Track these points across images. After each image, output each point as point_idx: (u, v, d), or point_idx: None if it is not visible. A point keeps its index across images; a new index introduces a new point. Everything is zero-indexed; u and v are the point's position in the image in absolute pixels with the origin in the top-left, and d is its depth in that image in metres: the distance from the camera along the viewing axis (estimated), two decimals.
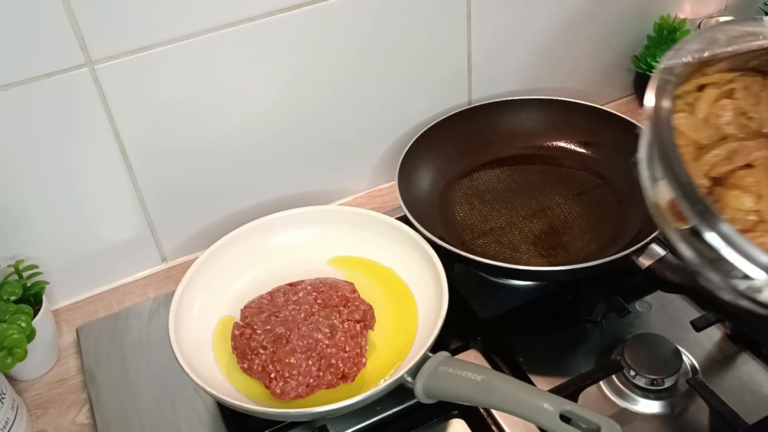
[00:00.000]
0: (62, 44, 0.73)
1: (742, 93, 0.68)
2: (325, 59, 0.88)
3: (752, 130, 0.67)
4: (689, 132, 0.66)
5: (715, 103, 0.68)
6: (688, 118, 0.66)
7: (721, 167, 0.63)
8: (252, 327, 0.75)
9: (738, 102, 0.67)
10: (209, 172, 0.89)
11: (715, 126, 0.67)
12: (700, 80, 0.68)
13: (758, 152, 0.63)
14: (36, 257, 0.84)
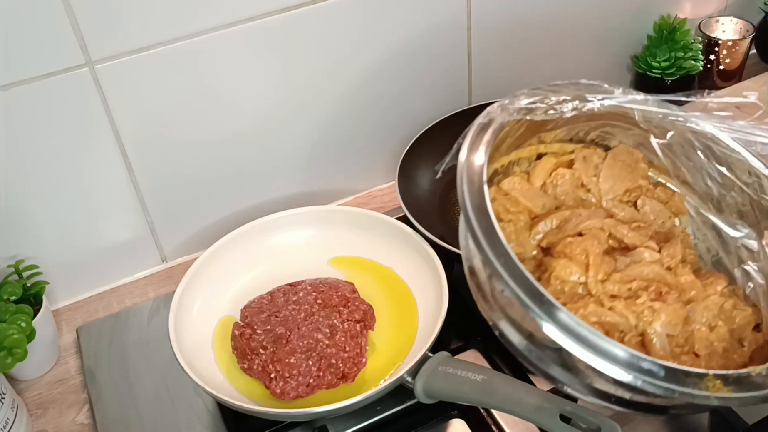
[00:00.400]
0: (62, 44, 0.73)
1: (581, 164, 0.67)
2: (324, 59, 0.88)
3: (589, 202, 0.66)
4: (523, 200, 0.63)
5: (553, 172, 0.66)
6: (521, 184, 0.65)
7: (551, 236, 0.61)
8: (252, 327, 0.75)
9: (576, 173, 0.66)
10: (209, 172, 0.89)
11: (552, 195, 0.66)
12: (539, 148, 0.66)
13: (590, 221, 0.61)
14: (36, 257, 0.84)
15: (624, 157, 0.68)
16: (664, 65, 1.05)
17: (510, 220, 0.61)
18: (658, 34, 1.06)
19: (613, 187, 0.66)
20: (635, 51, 1.10)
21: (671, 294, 0.57)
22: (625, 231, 0.61)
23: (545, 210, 0.64)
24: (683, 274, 0.59)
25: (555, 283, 0.56)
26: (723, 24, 1.13)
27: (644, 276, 0.57)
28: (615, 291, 0.56)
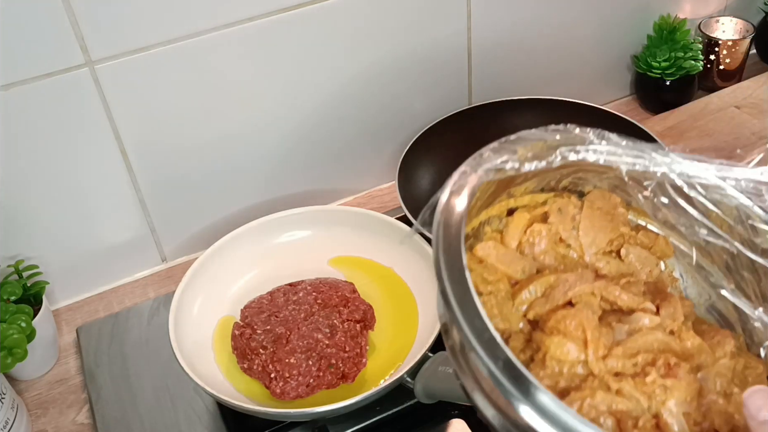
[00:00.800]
0: (62, 44, 0.73)
1: (556, 217, 0.61)
2: (324, 59, 0.88)
3: (571, 259, 0.61)
4: (501, 266, 0.58)
5: (528, 229, 0.61)
6: (497, 249, 0.59)
7: (538, 307, 0.55)
8: (252, 327, 0.75)
9: (553, 227, 0.61)
10: (209, 172, 0.89)
11: (531, 256, 0.60)
12: (508, 203, 0.62)
13: (579, 287, 0.55)
14: (36, 257, 0.84)
15: (601, 203, 0.63)
16: (664, 65, 1.05)
17: (490, 292, 0.56)
18: (658, 34, 1.06)
19: (595, 240, 0.61)
20: (635, 51, 1.10)
21: (681, 366, 0.52)
22: (617, 292, 0.56)
23: (526, 274, 0.58)
24: (688, 338, 0.54)
25: (551, 365, 0.51)
26: (723, 24, 1.13)
27: (649, 347, 0.52)
28: (619, 368, 0.51)
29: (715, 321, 0.62)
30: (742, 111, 1.05)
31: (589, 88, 1.10)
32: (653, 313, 0.56)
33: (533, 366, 0.52)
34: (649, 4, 1.07)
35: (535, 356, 0.52)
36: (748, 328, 0.60)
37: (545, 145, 0.58)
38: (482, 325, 0.45)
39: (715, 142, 0.99)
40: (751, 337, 0.59)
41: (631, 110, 1.12)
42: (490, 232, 0.62)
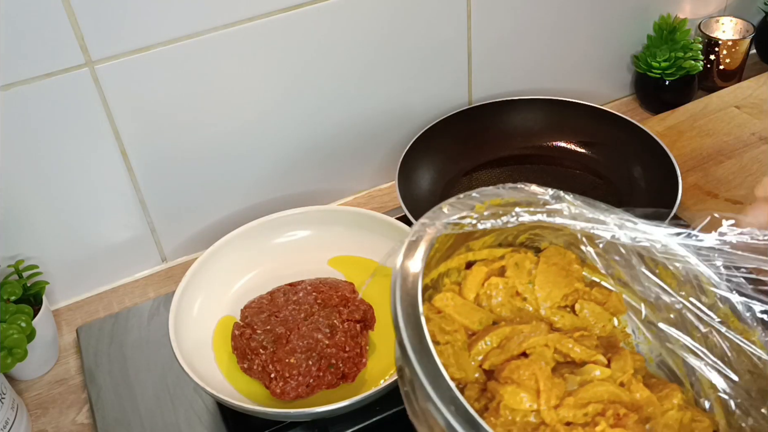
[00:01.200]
0: (62, 44, 0.73)
1: (513, 271, 0.63)
2: (325, 59, 0.88)
3: (527, 312, 0.63)
4: (458, 317, 0.59)
5: (485, 282, 0.62)
6: (455, 300, 0.60)
7: (493, 358, 0.57)
8: (252, 327, 0.75)
9: (510, 281, 0.63)
10: (209, 172, 0.89)
11: (488, 308, 0.62)
12: (467, 256, 0.63)
13: (533, 338, 0.57)
14: (36, 257, 0.84)
15: (556, 259, 0.64)
16: (664, 65, 1.05)
17: (447, 342, 0.57)
18: (658, 34, 1.06)
19: (550, 295, 0.62)
20: (635, 51, 1.10)
21: (630, 416, 0.53)
22: (570, 345, 0.58)
23: (482, 325, 0.60)
24: (638, 390, 0.56)
25: (505, 414, 0.52)
26: (723, 24, 1.13)
27: (599, 398, 0.54)
28: (570, 417, 0.52)
29: (665, 376, 0.63)
30: (742, 111, 1.05)
31: (589, 88, 1.10)
32: (604, 365, 0.57)
33: (487, 415, 0.52)
34: (649, 4, 1.07)
35: (489, 405, 0.53)
36: (695, 383, 0.61)
37: (502, 202, 0.59)
38: (438, 374, 0.46)
39: (715, 142, 1.00)
40: (698, 392, 0.61)
41: (631, 110, 1.12)
42: (449, 283, 0.63)
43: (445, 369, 0.52)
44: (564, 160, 0.98)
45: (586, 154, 0.98)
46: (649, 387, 0.58)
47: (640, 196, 0.90)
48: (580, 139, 0.99)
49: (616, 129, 0.96)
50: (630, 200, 0.91)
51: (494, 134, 1.00)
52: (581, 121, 0.99)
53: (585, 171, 0.97)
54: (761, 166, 0.95)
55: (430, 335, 0.52)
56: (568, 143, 1.00)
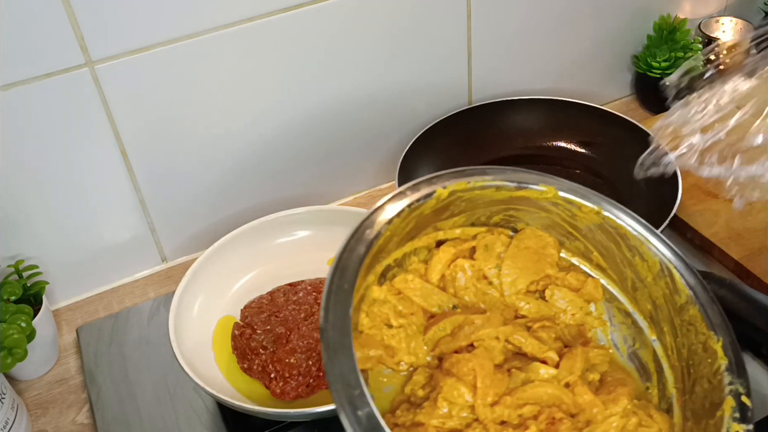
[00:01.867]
0: (62, 44, 0.73)
1: (482, 253, 0.62)
2: (324, 59, 0.88)
3: (491, 297, 0.62)
4: (417, 299, 0.59)
5: (452, 264, 0.61)
6: (415, 282, 0.59)
7: (444, 345, 0.56)
8: (252, 327, 0.75)
9: (477, 263, 0.61)
10: (209, 172, 0.89)
11: (452, 291, 0.61)
12: (437, 235, 0.61)
13: (483, 330, 0.56)
14: (36, 257, 0.84)
15: (531, 242, 0.63)
16: (664, 65, 1.05)
17: (401, 326, 0.57)
18: (658, 34, 1.06)
19: (516, 281, 0.61)
20: (635, 51, 1.10)
21: (563, 422, 0.53)
22: (522, 339, 0.57)
23: (441, 309, 0.59)
24: (582, 393, 0.55)
25: (442, 406, 0.52)
26: (723, 24, 1.13)
27: (537, 399, 0.53)
28: (505, 416, 0.52)
29: (635, 369, 0.63)
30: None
31: (589, 88, 1.10)
32: (554, 363, 0.56)
33: (427, 404, 0.52)
34: (649, 4, 1.07)
35: (431, 394, 0.53)
36: (662, 380, 0.60)
37: (468, 186, 0.59)
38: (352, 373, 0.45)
39: None
40: (664, 390, 0.60)
41: (631, 110, 1.12)
42: (416, 262, 0.62)
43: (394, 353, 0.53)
44: (564, 160, 0.98)
45: (586, 154, 0.98)
46: (602, 385, 0.57)
47: (640, 196, 0.90)
48: (580, 139, 0.99)
49: (616, 129, 0.96)
50: (630, 200, 0.90)
51: (494, 134, 1.00)
52: (581, 121, 0.99)
53: (585, 171, 0.97)
54: None
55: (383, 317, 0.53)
56: (568, 143, 1.00)
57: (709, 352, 0.56)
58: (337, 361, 0.46)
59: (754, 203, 0.89)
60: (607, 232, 0.62)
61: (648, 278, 0.61)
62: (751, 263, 0.82)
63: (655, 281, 0.60)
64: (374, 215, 0.55)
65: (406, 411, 0.53)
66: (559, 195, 0.61)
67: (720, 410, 0.53)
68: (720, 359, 0.55)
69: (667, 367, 0.60)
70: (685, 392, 0.58)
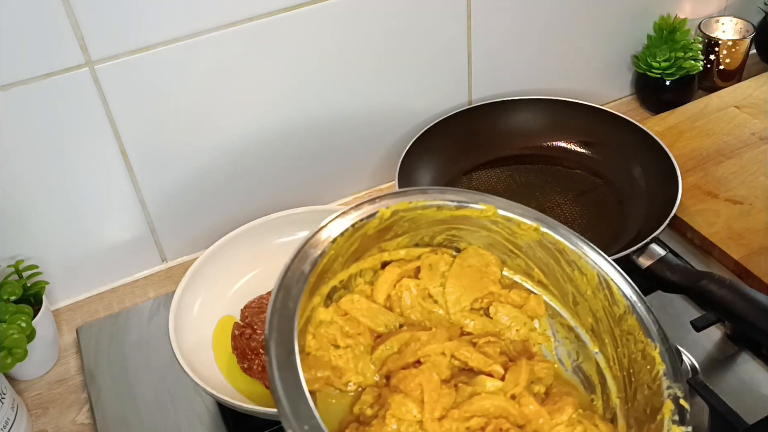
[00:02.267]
0: (62, 44, 0.73)
1: (426, 273, 0.63)
2: (325, 59, 0.88)
3: (437, 315, 0.62)
4: (364, 319, 0.59)
5: (397, 284, 0.62)
6: (361, 303, 0.60)
7: (391, 363, 0.57)
8: (252, 327, 0.75)
9: (422, 282, 0.62)
10: (209, 172, 0.89)
11: (398, 311, 0.62)
12: (382, 256, 0.62)
13: (429, 346, 0.57)
14: (36, 257, 0.84)
15: (473, 260, 0.64)
16: (664, 65, 1.05)
17: (348, 346, 0.57)
18: (658, 34, 1.06)
19: (460, 299, 0.62)
20: (635, 51, 1.10)
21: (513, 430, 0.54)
22: (468, 354, 0.58)
23: (389, 329, 0.60)
24: (528, 404, 0.56)
25: (390, 422, 0.52)
26: (723, 24, 1.13)
27: (484, 411, 0.54)
28: (453, 430, 0.52)
29: (581, 382, 0.63)
30: (742, 111, 1.05)
31: (589, 88, 1.10)
32: (500, 376, 0.57)
33: (376, 422, 0.53)
34: (649, 4, 1.07)
35: (380, 412, 0.53)
36: (605, 391, 0.61)
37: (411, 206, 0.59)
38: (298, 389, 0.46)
39: (715, 142, 0.99)
40: (608, 401, 0.61)
41: (631, 110, 1.12)
42: (362, 283, 0.62)
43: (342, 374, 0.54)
44: (564, 160, 0.98)
45: (586, 154, 0.98)
46: (548, 397, 0.58)
47: (640, 196, 0.90)
48: (580, 139, 0.99)
49: (616, 129, 0.96)
50: (630, 200, 0.91)
51: (494, 134, 1.00)
52: (581, 121, 0.99)
53: (585, 171, 0.97)
54: (761, 166, 0.95)
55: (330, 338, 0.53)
56: (568, 143, 1.00)
57: (648, 359, 0.58)
58: (283, 377, 0.46)
59: (754, 203, 0.89)
60: (546, 249, 0.63)
61: (587, 291, 0.62)
62: (751, 263, 0.82)
63: (595, 294, 0.62)
64: (318, 234, 0.56)
65: (354, 431, 0.53)
66: (498, 213, 0.62)
67: (660, 414, 0.54)
68: (658, 365, 0.57)
69: (610, 378, 0.61)
70: (628, 401, 0.59)
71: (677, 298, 0.81)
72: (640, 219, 0.86)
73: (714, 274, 0.72)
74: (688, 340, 0.77)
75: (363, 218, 0.57)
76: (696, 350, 0.76)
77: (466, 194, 0.62)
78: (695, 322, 0.75)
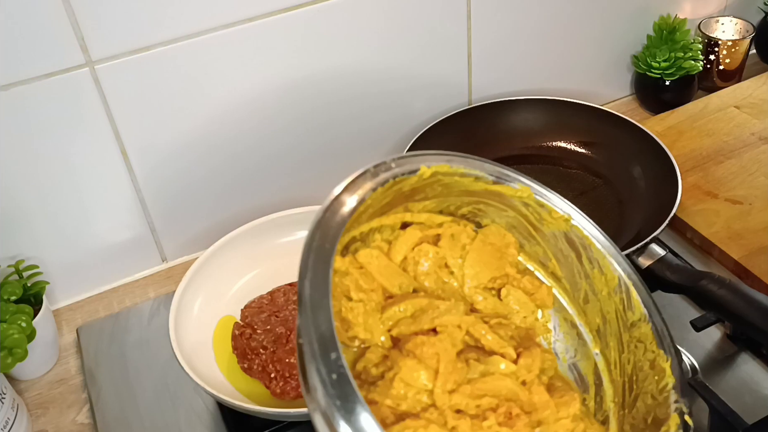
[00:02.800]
0: (62, 44, 0.73)
1: (447, 242, 0.61)
2: (324, 60, 0.88)
3: (450, 286, 0.61)
4: (379, 276, 0.57)
5: (416, 247, 0.60)
6: (380, 259, 0.58)
7: (404, 326, 0.55)
8: (252, 327, 0.75)
9: (441, 251, 0.60)
10: (209, 172, 0.89)
11: (413, 274, 0.60)
12: (404, 216, 0.60)
13: (447, 316, 0.55)
14: (36, 257, 0.84)
15: (494, 239, 0.63)
16: (664, 65, 1.05)
17: (361, 300, 0.55)
18: (658, 34, 1.06)
19: (477, 274, 0.61)
20: (635, 51, 1.10)
21: (521, 417, 0.52)
22: (483, 331, 0.56)
23: (402, 291, 0.58)
24: (537, 393, 0.54)
25: (398, 387, 0.50)
26: (723, 24, 1.13)
27: (496, 392, 0.53)
28: (462, 406, 0.51)
29: (574, 379, 0.63)
30: (742, 111, 1.05)
31: (589, 88, 1.10)
32: (512, 359, 0.56)
33: (381, 383, 0.51)
34: (649, 4, 1.07)
35: (386, 374, 0.52)
36: (600, 393, 0.61)
37: (450, 170, 0.58)
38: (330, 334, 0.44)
39: (715, 142, 0.99)
40: (601, 403, 0.60)
41: (631, 110, 1.12)
42: (379, 240, 0.61)
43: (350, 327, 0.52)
44: (564, 160, 0.98)
45: (586, 154, 0.98)
46: (551, 390, 0.57)
47: (640, 196, 0.90)
48: (580, 139, 0.99)
49: (616, 129, 0.96)
50: (630, 200, 0.91)
51: (494, 134, 1.00)
52: (581, 121, 0.99)
53: (585, 171, 0.97)
54: (761, 166, 0.95)
55: (344, 289, 0.51)
56: (568, 143, 1.00)
57: (657, 370, 0.57)
58: (315, 320, 0.44)
59: (754, 203, 0.89)
60: (570, 242, 0.62)
61: (603, 291, 0.61)
62: (751, 263, 0.82)
63: (610, 296, 0.61)
64: (360, 180, 0.53)
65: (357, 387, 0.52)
66: (533, 196, 0.61)
67: (666, 425, 0.54)
68: (668, 377, 0.56)
69: (607, 381, 0.61)
70: (625, 407, 0.58)
71: (677, 298, 0.81)
72: (640, 219, 0.86)
73: (714, 274, 0.72)
74: (688, 340, 0.77)
75: (404, 173, 0.55)
76: (696, 350, 0.76)
77: (506, 171, 0.61)
78: (695, 322, 0.75)
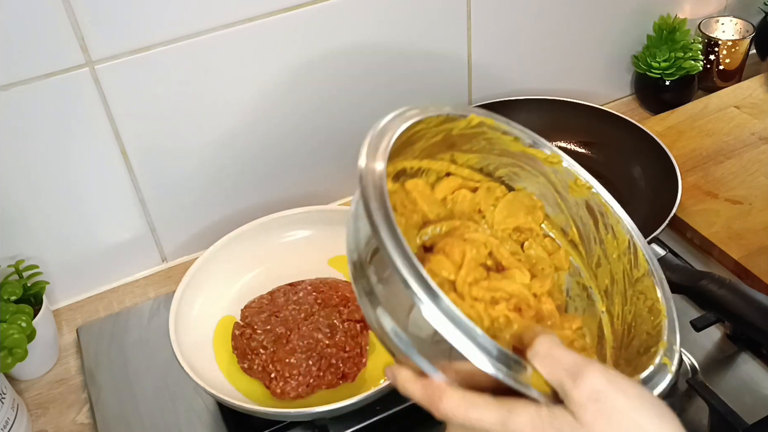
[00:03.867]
0: (62, 44, 0.73)
1: (483, 192, 0.67)
2: (325, 59, 0.88)
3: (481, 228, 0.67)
4: (421, 202, 0.63)
5: (456, 191, 0.66)
6: (425, 189, 0.65)
7: (438, 239, 0.61)
8: (252, 327, 0.75)
9: (477, 197, 0.67)
10: (209, 172, 0.89)
11: (450, 210, 0.66)
12: (449, 167, 0.67)
13: (476, 234, 0.62)
14: (36, 257, 0.84)
15: (525, 200, 0.69)
16: (664, 65, 1.05)
17: (402, 214, 0.61)
18: (658, 34, 1.06)
19: (506, 219, 0.66)
20: (635, 51, 1.10)
21: (529, 312, 0.58)
22: (505, 254, 0.62)
23: (439, 219, 0.64)
24: (546, 303, 0.60)
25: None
26: (723, 24, 1.13)
27: (509, 291, 0.58)
28: (479, 296, 0.56)
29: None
30: (742, 111, 1.05)
31: (589, 88, 1.10)
32: (527, 276, 0.62)
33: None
34: (649, 4, 1.07)
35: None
36: (601, 344, 0.64)
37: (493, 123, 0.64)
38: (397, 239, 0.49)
39: (715, 142, 1.00)
40: (600, 352, 0.63)
41: (631, 110, 1.12)
42: (423, 179, 0.66)
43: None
44: None
45: (586, 154, 0.98)
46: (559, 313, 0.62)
47: (640, 196, 0.90)
48: (580, 139, 0.99)
49: (616, 129, 0.96)
50: (630, 200, 0.91)
51: None
52: (581, 121, 0.99)
53: None
54: (761, 166, 0.95)
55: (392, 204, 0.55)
56: (568, 143, 1.00)
57: (654, 312, 0.61)
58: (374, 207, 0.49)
59: (754, 203, 0.89)
60: (590, 209, 0.67)
61: (614, 254, 0.66)
62: (751, 263, 0.82)
63: (620, 258, 0.66)
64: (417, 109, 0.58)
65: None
66: (562, 162, 0.67)
67: (655, 347, 0.57)
68: (663, 317, 0.60)
69: (608, 333, 0.65)
70: (622, 348, 0.62)
71: (677, 298, 0.81)
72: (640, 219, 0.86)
73: (714, 274, 0.72)
74: (688, 340, 0.77)
75: (457, 114, 0.61)
76: (696, 350, 0.76)
77: (540, 138, 0.68)
78: (695, 322, 0.76)
